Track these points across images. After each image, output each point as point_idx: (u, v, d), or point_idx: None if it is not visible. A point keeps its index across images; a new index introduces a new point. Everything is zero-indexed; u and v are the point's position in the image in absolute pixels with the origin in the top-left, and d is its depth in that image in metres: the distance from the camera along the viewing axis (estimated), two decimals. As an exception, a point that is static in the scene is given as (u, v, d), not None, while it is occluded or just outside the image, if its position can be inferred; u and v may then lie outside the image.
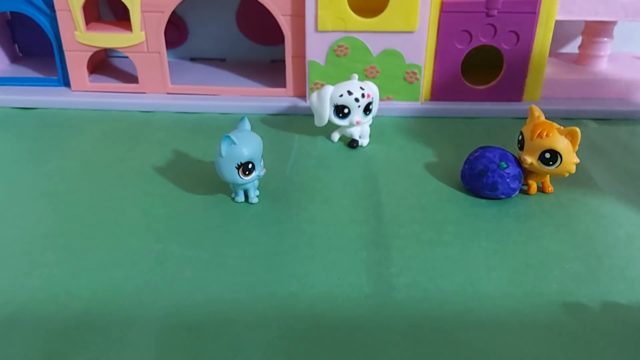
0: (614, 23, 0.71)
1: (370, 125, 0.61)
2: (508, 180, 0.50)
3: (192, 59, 0.82)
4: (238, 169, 0.48)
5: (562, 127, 0.50)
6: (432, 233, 0.47)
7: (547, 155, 0.50)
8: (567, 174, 0.51)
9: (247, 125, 0.50)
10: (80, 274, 0.43)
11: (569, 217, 0.50)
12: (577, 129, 0.49)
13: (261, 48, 0.81)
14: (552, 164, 0.50)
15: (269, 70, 0.77)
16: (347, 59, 0.66)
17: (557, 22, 0.65)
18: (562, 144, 0.49)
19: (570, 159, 0.50)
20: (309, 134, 0.64)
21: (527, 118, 0.68)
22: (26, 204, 0.51)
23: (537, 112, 0.52)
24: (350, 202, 0.52)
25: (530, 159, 0.51)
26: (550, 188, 0.53)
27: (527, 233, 0.48)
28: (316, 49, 0.66)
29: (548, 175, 0.52)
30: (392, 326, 0.38)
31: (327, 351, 0.36)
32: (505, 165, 0.50)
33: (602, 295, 0.41)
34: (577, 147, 0.50)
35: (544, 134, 0.50)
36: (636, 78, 0.70)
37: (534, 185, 0.53)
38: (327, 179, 0.55)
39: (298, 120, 0.67)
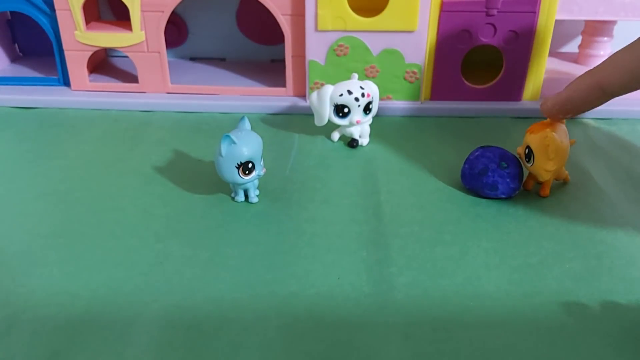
0: (614, 22, 0.71)
1: (370, 125, 0.61)
2: (508, 179, 0.50)
3: (192, 59, 0.82)
4: (238, 168, 0.48)
5: (555, 129, 0.49)
6: (432, 233, 0.47)
7: (527, 151, 0.51)
8: (541, 179, 0.51)
9: (247, 124, 0.50)
10: (80, 274, 0.43)
11: (568, 217, 0.50)
12: (547, 135, 0.48)
13: (261, 48, 0.81)
14: (528, 162, 0.51)
15: (269, 70, 0.77)
16: (347, 58, 0.66)
17: (557, 21, 0.65)
18: (536, 144, 0.49)
19: (541, 163, 0.49)
20: (309, 133, 0.64)
21: (526, 118, 0.68)
22: (26, 204, 0.51)
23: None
24: (350, 202, 0.52)
25: (519, 150, 0.52)
26: (546, 192, 0.52)
27: (527, 233, 0.48)
28: (316, 49, 0.66)
29: (547, 179, 0.51)
30: (392, 326, 0.38)
31: (327, 351, 0.36)
32: (505, 165, 0.50)
33: (601, 295, 0.41)
34: (552, 155, 0.49)
35: (534, 130, 0.50)
36: (636, 77, 0.70)
37: (530, 182, 0.53)
38: (327, 179, 0.55)
39: (298, 119, 0.67)
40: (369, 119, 0.61)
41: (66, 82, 0.72)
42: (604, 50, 0.72)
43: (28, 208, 0.50)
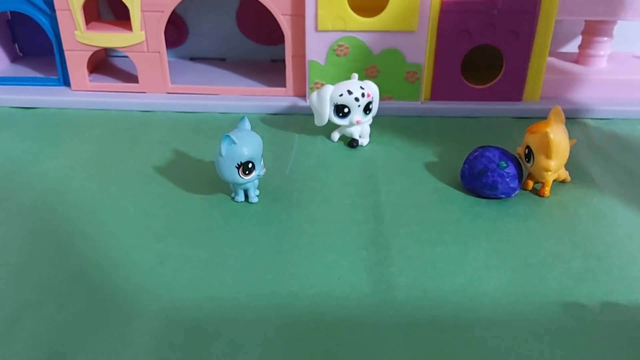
0: (614, 22, 0.71)
1: (370, 125, 0.61)
2: (508, 179, 0.50)
3: (192, 59, 0.82)
4: (238, 168, 0.48)
5: (554, 129, 0.49)
6: (432, 233, 0.47)
7: (526, 151, 0.51)
8: (541, 179, 0.51)
9: (247, 124, 0.50)
10: (80, 274, 0.43)
11: (568, 217, 0.50)
12: (547, 135, 0.48)
13: (261, 48, 0.81)
14: (528, 162, 0.51)
15: (269, 70, 0.77)
16: (347, 58, 0.66)
17: (557, 21, 0.65)
18: (535, 144, 0.49)
19: (541, 163, 0.49)
20: (309, 133, 0.64)
21: (526, 118, 0.68)
22: (26, 204, 0.51)
23: (554, 116, 0.50)
24: (350, 202, 0.52)
25: (519, 150, 0.52)
26: (545, 192, 0.52)
27: (527, 233, 0.48)
28: (316, 49, 0.66)
29: (547, 179, 0.52)
30: (392, 326, 0.38)
31: (327, 351, 0.36)
32: (505, 165, 0.50)
33: (601, 295, 0.41)
34: (552, 155, 0.49)
35: (533, 130, 0.50)
36: (636, 78, 0.70)
37: (530, 183, 0.53)
38: (327, 179, 0.55)
39: (298, 119, 0.67)
40: (369, 119, 0.61)
41: (66, 82, 0.72)
42: (604, 50, 0.72)
43: (28, 208, 0.50)
